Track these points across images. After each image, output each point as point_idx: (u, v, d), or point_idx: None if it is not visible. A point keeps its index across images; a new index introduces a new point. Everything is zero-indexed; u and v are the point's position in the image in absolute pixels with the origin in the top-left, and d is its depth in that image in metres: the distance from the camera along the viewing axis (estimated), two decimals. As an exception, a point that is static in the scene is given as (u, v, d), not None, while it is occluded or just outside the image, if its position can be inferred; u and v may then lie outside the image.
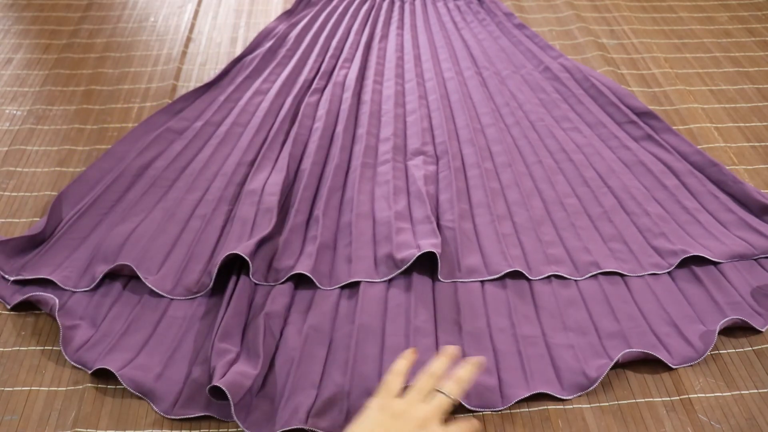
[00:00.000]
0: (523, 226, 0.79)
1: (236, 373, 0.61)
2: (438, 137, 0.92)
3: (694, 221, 0.79)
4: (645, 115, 0.94)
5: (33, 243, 0.76)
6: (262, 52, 1.10)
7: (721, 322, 0.67)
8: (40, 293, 0.70)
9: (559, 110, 0.97)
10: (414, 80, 1.03)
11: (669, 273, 0.74)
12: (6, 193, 0.87)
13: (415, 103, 0.98)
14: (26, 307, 0.72)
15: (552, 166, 0.87)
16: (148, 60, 1.15)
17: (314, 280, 0.72)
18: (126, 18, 1.27)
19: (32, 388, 0.65)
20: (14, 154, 0.94)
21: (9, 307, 0.70)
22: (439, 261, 0.72)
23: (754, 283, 0.72)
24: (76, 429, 0.62)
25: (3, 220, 0.83)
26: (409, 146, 0.91)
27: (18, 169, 0.91)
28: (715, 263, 0.74)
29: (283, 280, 0.72)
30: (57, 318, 0.68)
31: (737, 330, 0.70)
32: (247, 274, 0.72)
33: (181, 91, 1.07)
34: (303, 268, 0.72)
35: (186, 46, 1.18)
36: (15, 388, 0.65)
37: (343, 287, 0.72)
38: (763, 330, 0.68)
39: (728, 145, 0.95)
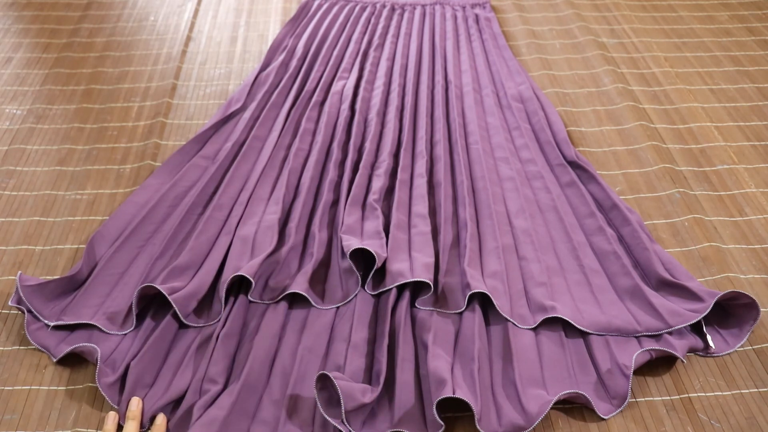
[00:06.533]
0: (444, 246, 0.78)
1: (210, 412, 0.60)
2: (402, 148, 0.92)
3: (585, 282, 0.74)
4: (572, 164, 0.90)
5: (71, 285, 0.74)
6: (275, 66, 1.09)
7: (559, 395, 0.61)
8: (84, 344, 0.67)
9: (498, 138, 0.94)
10: (396, 90, 1.03)
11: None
12: (6, 192, 0.87)
13: (392, 114, 0.98)
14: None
15: (470, 191, 0.85)
16: (148, 59, 1.15)
17: (309, 299, 0.71)
18: (126, 17, 1.27)
19: (32, 387, 0.65)
20: (14, 153, 0.94)
21: (55, 360, 0.67)
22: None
23: (620, 360, 0.64)
24: (76, 429, 0.62)
25: (3, 219, 0.83)
26: (379, 157, 0.91)
27: (18, 168, 0.91)
28: (585, 332, 0.69)
29: (278, 299, 0.72)
30: (99, 365, 0.64)
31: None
32: (244, 293, 0.71)
33: (181, 90, 1.07)
34: (298, 287, 0.71)
35: (186, 45, 1.18)
36: (15, 387, 0.65)
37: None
38: (605, 417, 0.62)
39: (728, 144, 0.95)
